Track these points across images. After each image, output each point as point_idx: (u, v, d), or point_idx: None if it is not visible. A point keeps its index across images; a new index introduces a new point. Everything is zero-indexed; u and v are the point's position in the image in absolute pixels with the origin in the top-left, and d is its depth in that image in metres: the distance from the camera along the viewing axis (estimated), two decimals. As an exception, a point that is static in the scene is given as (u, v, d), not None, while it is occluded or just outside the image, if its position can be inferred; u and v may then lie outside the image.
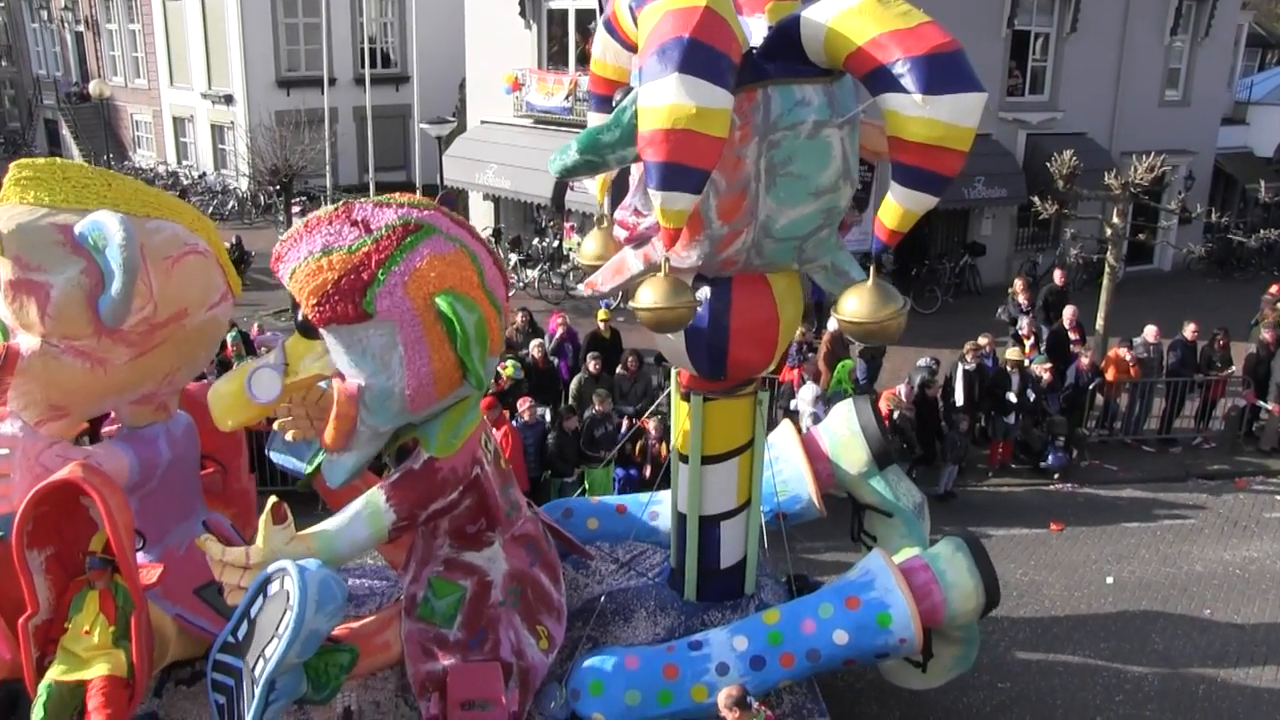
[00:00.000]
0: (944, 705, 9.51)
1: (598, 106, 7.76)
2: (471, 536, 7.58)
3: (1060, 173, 16.84)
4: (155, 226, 7.33)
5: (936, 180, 5.80)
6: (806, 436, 9.39)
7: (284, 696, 6.64)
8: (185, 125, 35.35)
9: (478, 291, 6.80)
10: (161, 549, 7.88)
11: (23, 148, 43.53)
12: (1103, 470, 14.77)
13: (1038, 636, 10.68)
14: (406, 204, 6.92)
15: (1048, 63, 23.30)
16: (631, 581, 8.87)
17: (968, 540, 8.03)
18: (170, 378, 7.70)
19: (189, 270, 7.43)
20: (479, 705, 7.38)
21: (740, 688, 6.79)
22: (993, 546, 12.38)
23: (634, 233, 6.93)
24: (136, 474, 7.60)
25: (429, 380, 6.70)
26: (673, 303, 6.26)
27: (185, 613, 7.61)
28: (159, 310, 7.20)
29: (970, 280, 22.82)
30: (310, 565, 6.47)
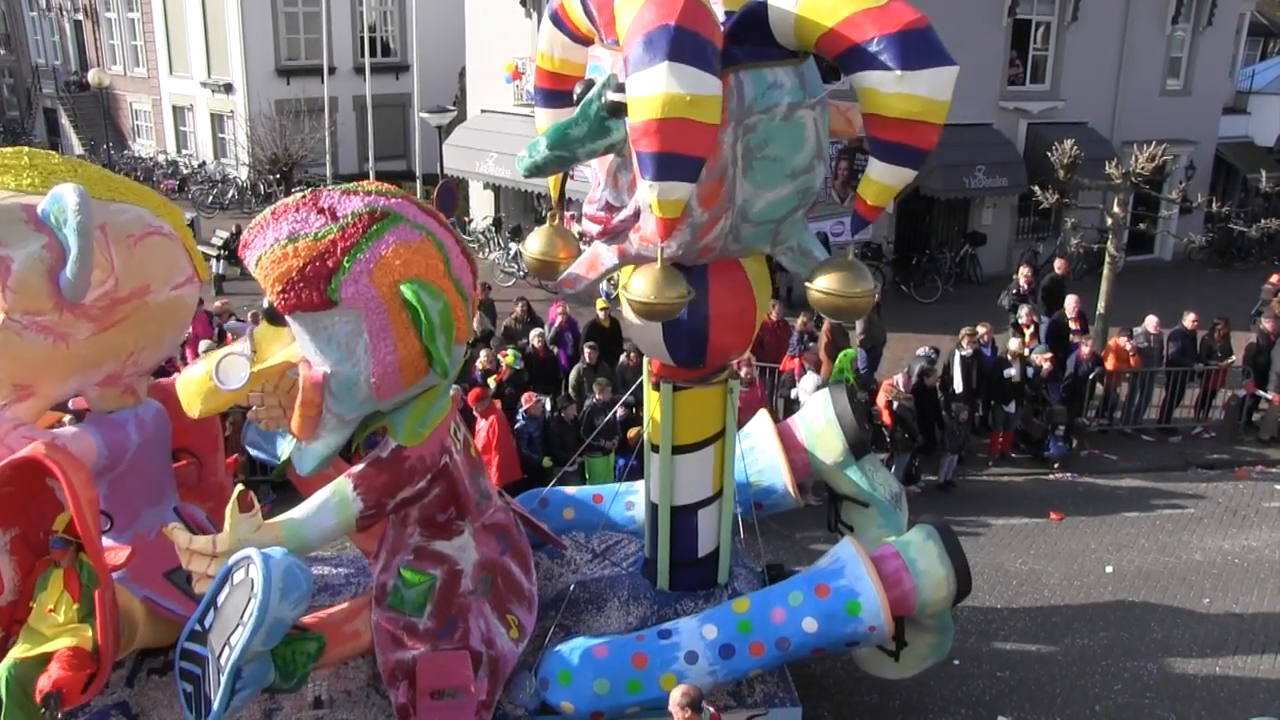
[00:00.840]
0: (943, 694, 9.55)
1: (544, 102, 7.67)
2: (441, 525, 7.58)
3: (1061, 162, 16.83)
4: (120, 208, 7.41)
5: (916, 154, 5.98)
6: (782, 426, 9.35)
7: (251, 685, 6.67)
8: (185, 114, 35.29)
9: (444, 280, 6.79)
10: (131, 534, 7.88)
11: (22, 136, 43.44)
12: (1102, 460, 14.79)
13: (1037, 625, 10.71)
14: (374, 192, 6.91)
15: (1049, 52, 23.26)
16: (605, 571, 8.88)
17: (939, 528, 8.00)
18: (134, 357, 7.68)
19: (152, 248, 7.50)
20: (448, 694, 7.40)
21: (696, 689, 6.75)
22: (992, 535, 12.48)
23: (608, 227, 6.85)
24: (105, 457, 7.59)
25: (394, 368, 6.70)
26: (667, 294, 6.27)
27: (154, 595, 7.61)
28: (120, 285, 7.23)
29: (971, 269, 22.82)
30: (275, 553, 6.49)
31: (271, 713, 7.65)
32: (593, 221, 6.95)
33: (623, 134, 6.33)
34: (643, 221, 6.67)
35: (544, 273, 8.07)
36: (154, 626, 7.54)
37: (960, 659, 10.05)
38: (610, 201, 6.81)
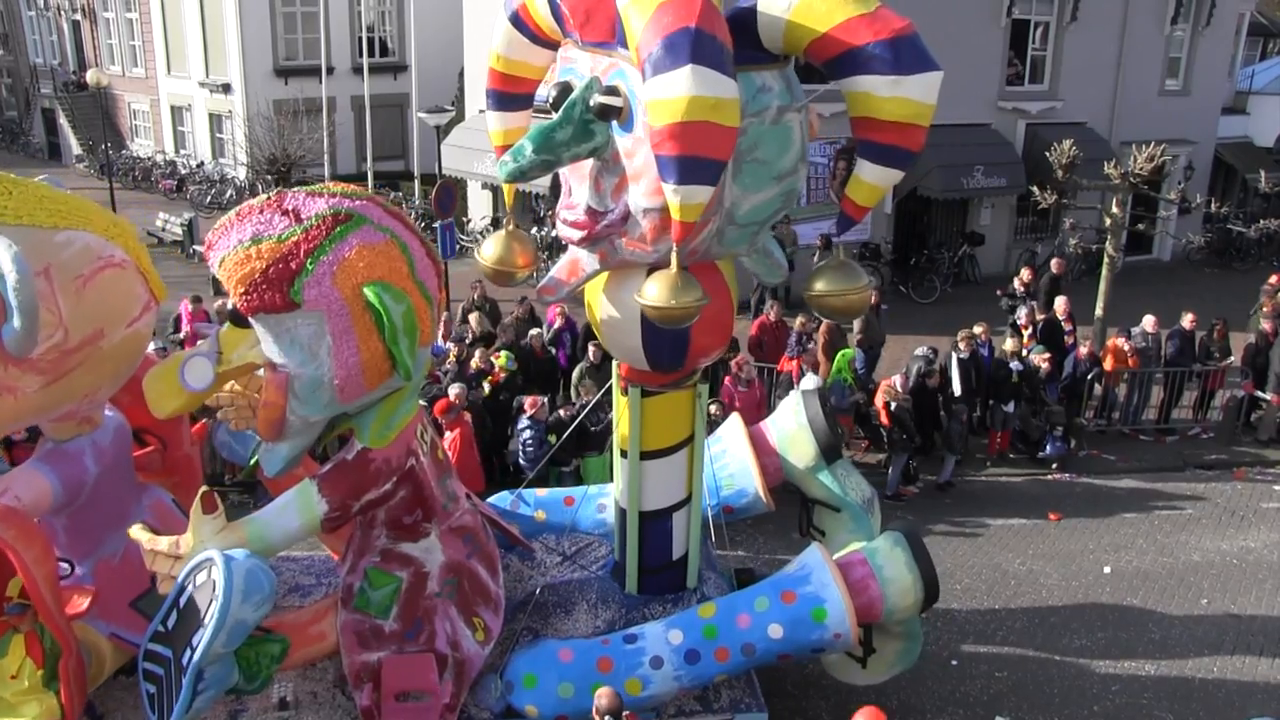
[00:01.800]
0: (941, 694, 9.54)
1: (496, 105, 7.52)
2: (408, 527, 7.58)
3: (1060, 162, 16.83)
4: (65, 239, 6.77)
5: (908, 156, 6.16)
6: (754, 430, 9.32)
7: (214, 686, 6.66)
8: (183, 114, 35.22)
9: (408, 282, 6.78)
10: (95, 560, 7.73)
11: (20, 137, 43.46)
12: (1101, 460, 14.78)
13: (1035, 626, 10.70)
14: (339, 193, 6.89)
15: (1047, 52, 23.26)
16: (575, 574, 8.86)
17: (907, 534, 7.98)
18: (90, 397, 7.35)
19: (104, 287, 6.94)
20: (413, 696, 7.40)
21: (616, 696, 6.75)
22: (990, 536, 12.47)
23: (592, 232, 6.77)
24: (61, 495, 7.35)
25: (357, 370, 6.70)
26: (684, 299, 6.14)
27: (121, 631, 7.52)
28: (70, 336, 6.74)
29: (969, 270, 22.81)
30: (237, 555, 6.49)
31: (237, 714, 7.66)
32: (574, 227, 6.85)
33: (606, 137, 6.34)
34: (630, 226, 6.63)
35: (501, 280, 7.97)
36: (122, 657, 7.48)
37: (958, 659, 10.05)
38: (593, 206, 6.73)
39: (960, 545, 12.35)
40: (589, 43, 6.47)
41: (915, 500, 13.48)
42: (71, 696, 6.92)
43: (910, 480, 13.65)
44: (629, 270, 7.06)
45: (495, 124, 7.58)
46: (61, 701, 6.88)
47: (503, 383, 12.97)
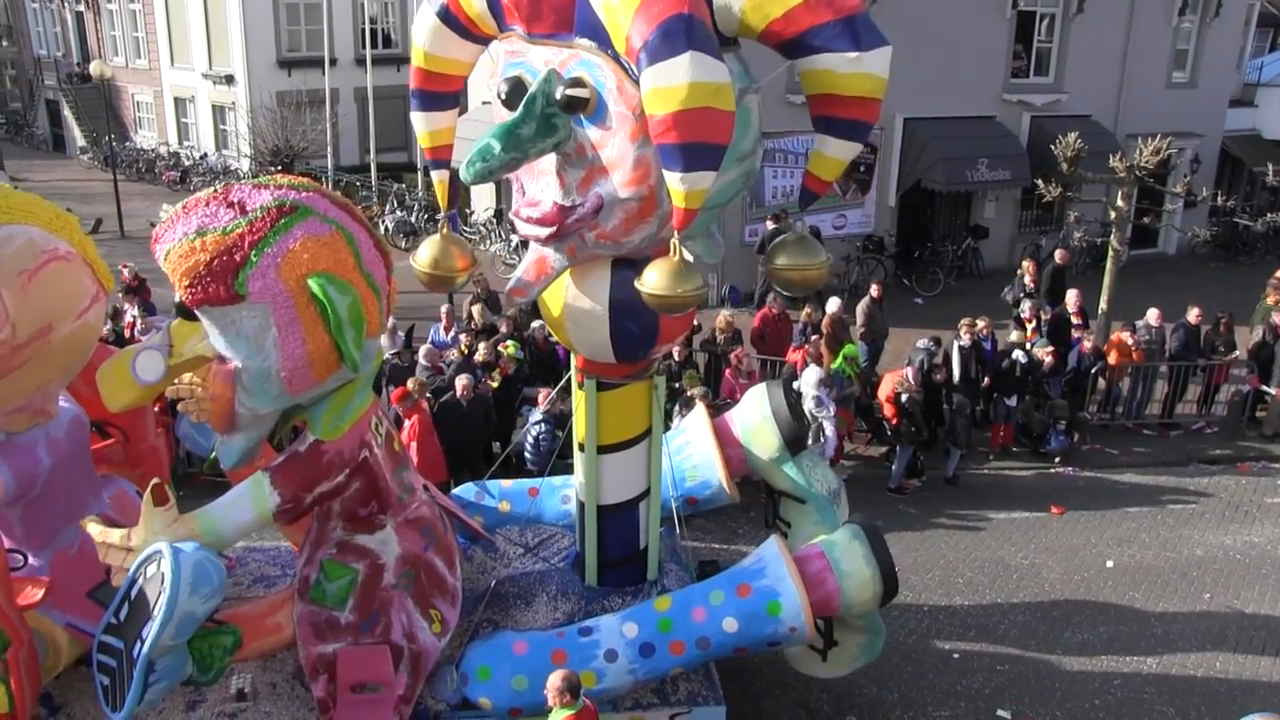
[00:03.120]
0: (942, 687, 9.51)
1: (422, 105, 7.28)
2: (363, 519, 7.55)
3: (1064, 155, 16.74)
4: (7, 235, 6.68)
5: (868, 128, 6.35)
6: (718, 421, 9.24)
7: (166, 678, 6.66)
8: (186, 105, 35.22)
9: (354, 274, 6.73)
10: (51, 551, 7.68)
11: (24, 129, 43.49)
12: (1104, 454, 14.73)
13: (1037, 620, 10.66)
14: (285, 185, 6.83)
15: (1053, 44, 23.12)
16: (536, 565, 8.84)
17: (865, 528, 7.91)
18: (41, 390, 7.31)
19: (50, 281, 6.87)
20: (369, 688, 7.40)
21: (572, 675, 6.70)
22: (993, 529, 12.44)
23: (562, 227, 6.62)
24: (13, 489, 7.31)
25: (304, 362, 6.66)
26: (686, 287, 6.10)
27: (77, 620, 7.48)
28: (18, 332, 6.68)
29: (973, 263, 22.73)
30: (186, 548, 6.49)
31: (195, 704, 7.66)
32: (540, 224, 6.67)
33: (569, 130, 6.24)
34: (602, 218, 6.54)
35: (439, 285, 7.82)
36: (78, 648, 7.44)
37: (959, 652, 10.03)
38: (559, 201, 6.60)
39: (962, 539, 12.31)
40: (537, 34, 6.35)
41: (918, 494, 13.45)
42: (22, 687, 6.90)
43: (917, 474, 13.60)
44: (593, 264, 6.99)
45: (421, 125, 7.36)
46: (12, 691, 6.85)
47: (513, 375, 12.95)
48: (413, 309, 16.41)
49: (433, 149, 7.45)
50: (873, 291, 16.06)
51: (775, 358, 14.61)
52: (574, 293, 7.19)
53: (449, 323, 14.29)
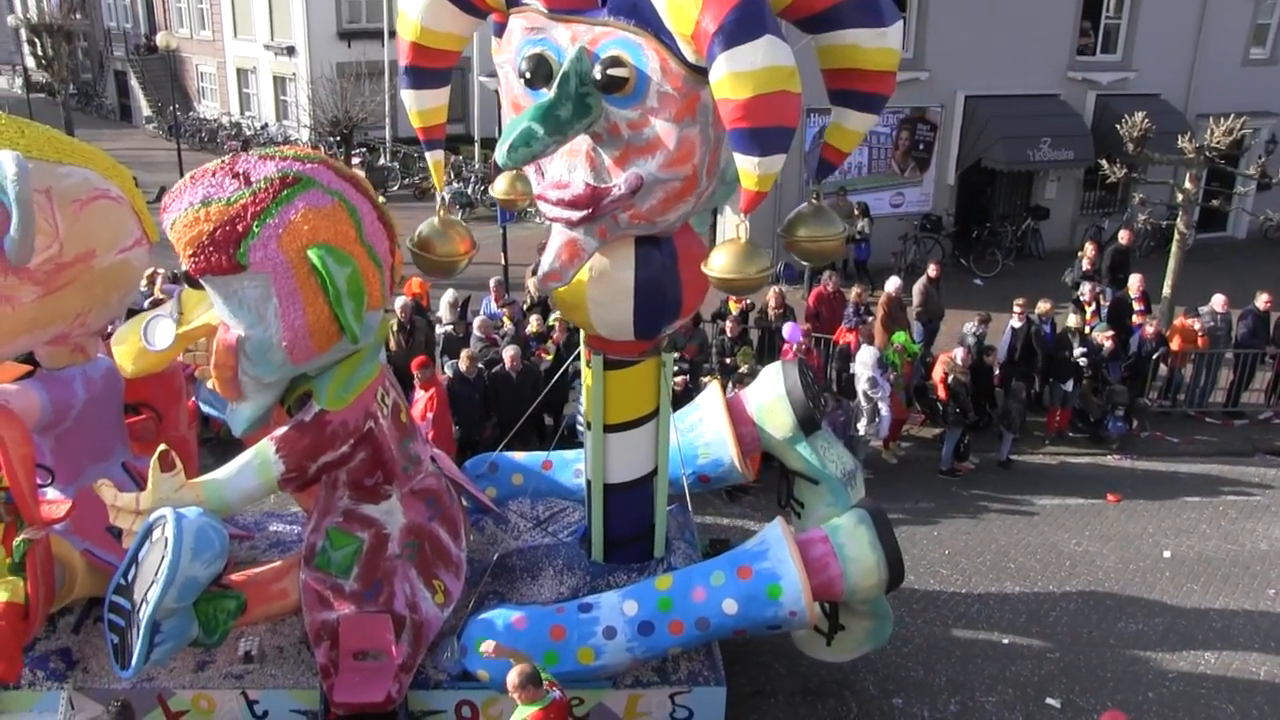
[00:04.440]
0: (990, 673, 9.41)
1: (414, 82, 7.00)
2: (369, 489, 7.64)
3: (1131, 135, 16.31)
4: (66, 171, 7.41)
5: (885, 101, 6.47)
6: (733, 399, 9.15)
7: (172, 639, 6.88)
8: (248, 76, 35.65)
9: (355, 246, 6.78)
10: (76, 488, 7.99)
11: (94, 99, 44.33)
12: (1164, 442, 14.42)
13: (1089, 608, 10.49)
14: (290, 157, 6.89)
15: (1122, 19, 22.41)
16: (545, 539, 8.87)
17: (872, 513, 7.78)
18: (81, 319, 7.80)
19: (98, 213, 7.54)
20: (370, 656, 7.52)
21: (531, 666, 6.67)
22: (1046, 515, 12.26)
23: (597, 209, 6.50)
24: (49, 414, 7.77)
25: (304, 333, 6.74)
26: (750, 269, 6.07)
27: (94, 548, 7.78)
28: (65, 250, 7.30)
29: (1032, 244, 22.30)
30: (189, 514, 6.67)
31: (204, 664, 7.91)
32: (572, 206, 6.52)
33: (600, 111, 6.13)
34: (639, 198, 6.46)
35: (442, 271, 7.75)
36: (94, 577, 7.72)
37: (1009, 638, 9.91)
38: (591, 183, 6.45)
39: (1015, 523, 12.15)
40: (559, 10, 6.22)
41: (970, 476, 13.28)
42: (37, 585, 7.22)
43: (963, 457, 13.44)
44: (615, 244, 6.92)
45: (414, 104, 7.09)
46: (28, 591, 7.17)
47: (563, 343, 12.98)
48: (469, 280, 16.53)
49: (426, 129, 7.22)
50: (930, 271, 15.84)
51: (829, 336, 14.49)
52: (597, 273, 7.08)
53: (500, 294, 14.34)
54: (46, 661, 7.82)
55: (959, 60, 20.43)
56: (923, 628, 10.04)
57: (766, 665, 9.09)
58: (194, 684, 7.80)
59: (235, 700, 7.81)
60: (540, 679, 6.54)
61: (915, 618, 10.18)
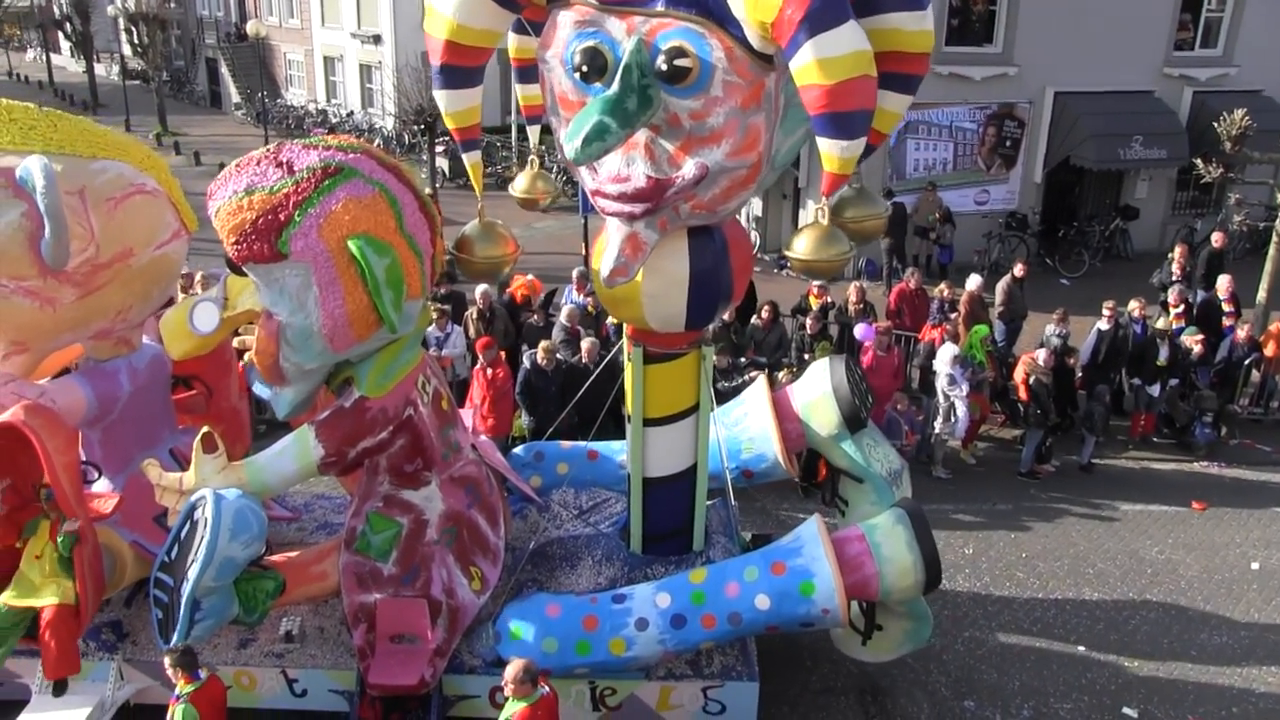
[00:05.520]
0: (1065, 679, 9.26)
1: (448, 82, 6.84)
2: (409, 475, 7.73)
3: (1229, 134, 15.84)
4: (100, 167, 7.42)
5: (920, 81, 6.57)
6: (779, 394, 9.06)
7: (212, 616, 7.06)
8: (335, 64, 36.31)
9: (394, 236, 6.82)
10: (125, 476, 8.20)
11: (185, 85, 45.56)
12: (1254, 451, 13.99)
13: (1171, 618, 10.25)
14: (334, 147, 6.95)
15: (1225, 13, 21.70)
16: (586, 529, 8.90)
17: (911, 512, 7.66)
18: (122, 315, 7.88)
19: (134, 209, 7.52)
20: (406, 639, 7.63)
21: (531, 664, 6.69)
22: (1128, 521, 12.00)
23: (660, 201, 6.46)
24: (94, 408, 7.91)
25: (344, 321, 6.81)
26: (830, 252, 6.26)
27: (142, 539, 7.97)
28: (101, 251, 7.34)
29: (1120, 245, 21.77)
30: (229, 495, 6.84)
31: (246, 642, 8.16)
32: (633, 200, 6.46)
33: (660, 102, 6.10)
34: (702, 188, 6.45)
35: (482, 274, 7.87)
36: (142, 567, 7.91)
37: (1085, 644, 9.74)
38: (652, 175, 6.39)
39: (1095, 528, 11.92)
40: (612, 2, 6.17)
41: (1050, 480, 13.05)
42: (85, 585, 7.43)
43: (1044, 459, 13.21)
44: (668, 238, 6.90)
45: (448, 105, 6.96)
46: (77, 590, 7.41)
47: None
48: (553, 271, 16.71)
49: (462, 129, 7.09)
50: (1016, 270, 15.55)
51: (910, 333, 14.34)
52: (651, 267, 7.00)
53: (582, 285, 14.43)
54: (98, 633, 8.13)
55: (1049, 55, 20.01)
56: (997, 630, 9.92)
57: (838, 663, 9.05)
58: (236, 660, 8.04)
59: (276, 678, 8.04)
60: (537, 678, 6.62)
61: (990, 620, 10.06)
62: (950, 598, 10.39)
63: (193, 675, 6.76)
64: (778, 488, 11.64)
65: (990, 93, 20.26)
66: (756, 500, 11.64)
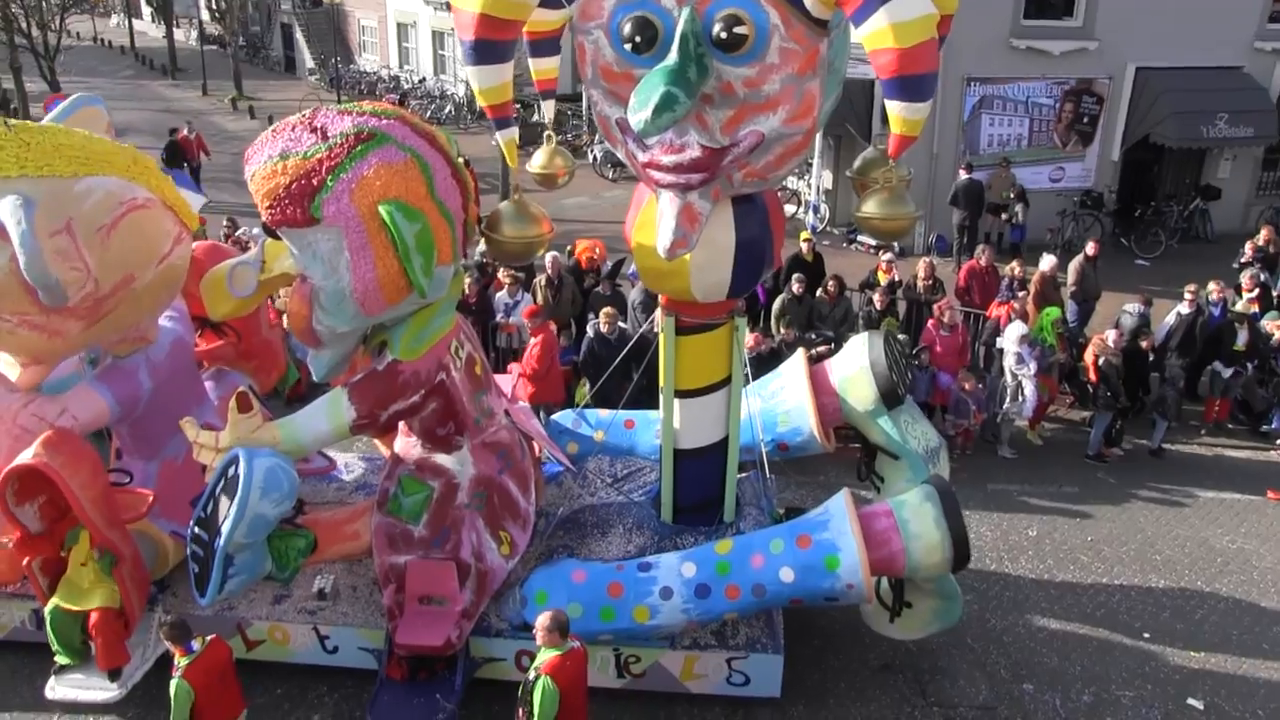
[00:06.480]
0: (1129, 666, 9.16)
1: (481, 57, 6.53)
2: (441, 439, 7.86)
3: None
4: (85, 188, 7.05)
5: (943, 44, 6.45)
6: (816, 369, 9.03)
7: (245, 572, 7.31)
8: (408, 30, 36.53)
9: (426, 202, 6.88)
10: (160, 461, 8.48)
11: (261, 51, 46.19)
12: (1335, 440, 13.63)
13: (1241, 609, 10.06)
14: (367, 112, 7.01)
15: (1327, -18, 20.82)
16: (619, 497, 8.98)
17: (940, 490, 7.58)
18: (135, 328, 7.94)
19: (129, 232, 7.31)
20: (434, 601, 7.78)
21: (560, 614, 6.73)
22: (1199, 508, 11.78)
23: (715, 170, 6.42)
24: (117, 411, 8.08)
25: (374, 285, 6.90)
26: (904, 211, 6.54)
27: (180, 529, 8.16)
28: (101, 285, 7.21)
29: (1200, 226, 21.16)
30: (262, 454, 7.03)
31: (281, 598, 8.41)
32: (690, 171, 6.39)
33: (714, 71, 6.08)
34: (755, 156, 6.46)
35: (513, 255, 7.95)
36: (182, 552, 8.11)
37: (1150, 632, 9.61)
38: (706, 144, 6.34)
39: (1163, 514, 11.71)
40: None
41: (1119, 464, 12.84)
42: (129, 595, 7.79)
43: (1113, 442, 12.98)
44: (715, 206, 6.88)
45: (483, 81, 6.67)
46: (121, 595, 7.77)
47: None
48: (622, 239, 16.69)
49: (495, 106, 6.82)
50: (1088, 249, 15.25)
51: (979, 311, 14.15)
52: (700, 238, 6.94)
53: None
54: None
55: (1131, 29, 19.43)
56: (1060, 614, 9.83)
57: (896, 641, 9.04)
58: (270, 616, 8.31)
59: (308, 634, 8.28)
60: (566, 630, 6.70)
61: (1052, 604, 9.97)
62: (1012, 580, 10.31)
63: (186, 648, 6.80)
64: (816, 461, 11.47)
65: (1069, 67, 19.77)
66: (794, 473, 11.59)
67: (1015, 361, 12.40)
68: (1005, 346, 12.61)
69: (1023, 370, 12.37)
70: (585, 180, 24.67)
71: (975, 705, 8.64)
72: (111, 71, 44.50)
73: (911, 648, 9.15)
